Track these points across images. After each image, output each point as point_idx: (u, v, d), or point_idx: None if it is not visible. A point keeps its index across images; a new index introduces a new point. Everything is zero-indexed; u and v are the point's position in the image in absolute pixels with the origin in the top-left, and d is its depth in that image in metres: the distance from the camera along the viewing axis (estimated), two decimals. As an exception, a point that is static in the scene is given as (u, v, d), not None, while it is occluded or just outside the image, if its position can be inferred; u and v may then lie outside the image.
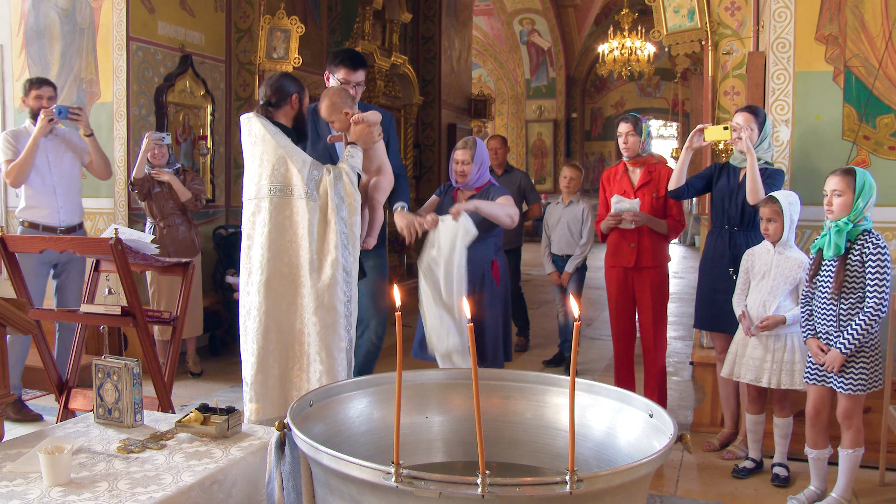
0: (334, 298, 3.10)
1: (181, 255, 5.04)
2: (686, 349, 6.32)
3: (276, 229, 3.13)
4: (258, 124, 3.18)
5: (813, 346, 3.12)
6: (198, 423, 2.20)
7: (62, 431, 2.30)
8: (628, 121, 4.24)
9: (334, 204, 3.14)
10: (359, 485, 1.27)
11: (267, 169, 3.14)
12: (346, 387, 1.74)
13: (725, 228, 3.81)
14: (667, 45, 4.75)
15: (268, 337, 3.11)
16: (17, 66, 5.99)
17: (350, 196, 3.19)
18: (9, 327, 2.55)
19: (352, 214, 3.19)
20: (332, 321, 3.10)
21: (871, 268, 2.96)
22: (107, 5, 5.56)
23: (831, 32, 3.91)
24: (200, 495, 1.90)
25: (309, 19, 7.05)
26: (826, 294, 3.08)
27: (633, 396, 1.63)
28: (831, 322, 3.07)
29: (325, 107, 3.37)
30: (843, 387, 3.05)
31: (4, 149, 4.48)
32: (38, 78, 4.75)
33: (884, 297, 2.95)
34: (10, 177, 4.43)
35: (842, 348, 3.00)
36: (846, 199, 2.99)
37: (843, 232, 2.99)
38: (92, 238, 4.01)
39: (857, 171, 3.02)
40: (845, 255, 3.01)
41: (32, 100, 4.52)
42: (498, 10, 16.03)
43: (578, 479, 1.16)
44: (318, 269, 3.11)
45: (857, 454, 3.09)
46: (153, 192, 5.07)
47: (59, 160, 4.53)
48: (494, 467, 1.63)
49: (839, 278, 3.01)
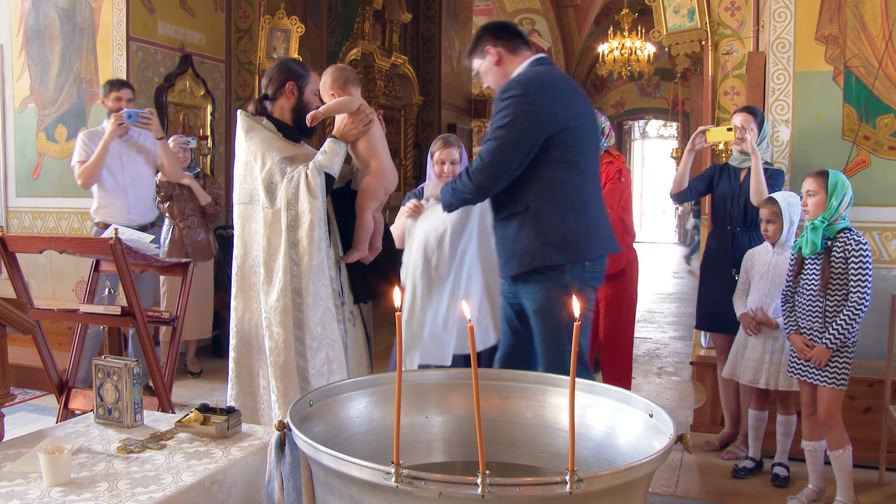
0: (283, 326, 2.71)
1: (198, 257, 5.18)
2: (686, 349, 6.32)
3: (242, 243, 2.87)
4: (238, 122, 2.91)
5: (798, 342, 3.17)
6: (198, 423, 2.19)
7: (62, 431, 2.30)
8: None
9: (289, 214, 2.71)
10: (359, 485, 1.27)
11: (238, 173, 2.86)
12: (346, 387, 1.74)
13: (727, 229, 3.81)
14: (667, 45, 4.75)
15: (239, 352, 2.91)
16: (17, 66, 5.99)
17: (305, 203, 2.70)
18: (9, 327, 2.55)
19: (303, 227, 2.69)
20: (276, 347, 2.74)
21: (854, 264, 3.02)
22: (107, 5, 5.56)
23: (831, 32, 3.91)
24: (200, 495, 1.90)
25: (309, 19, 7.04)
26: (811, 291, 3.14)
27: (633, 396, 1.63)
28: (816, 318, 3.12)
29: (320, 82, 2.96)
30: (827, 381, 3.10)
31: (79, 150, 4.58)
32: (117, 80, 4.83)
33: (866, 292, 3.02)
34: (81, 178, 4.54)
35: (828, 343, 3.06)
36: (819, 198, 3.09)
37: (819, 230, 3.07)
38: (92, 238, 4.00)
39: (830, 172, 3.11)
40: (829, 254, 3.07)
41: (112, 101, 4.57)
42: (498, 10, 16.02)
43: (578, 479, 1.16)
44: (266, 292, 2.76)
45: (846, 453, 3.12)
46: (174, 195, 5.16)
47: (131, 162, 4.63)
48: (494, 467, 1.63)
49: (825, 276, 3.07)
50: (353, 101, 2.83)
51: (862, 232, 3.18)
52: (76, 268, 5.67)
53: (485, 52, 2.84)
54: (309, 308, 2.72)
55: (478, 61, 2.88)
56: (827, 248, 3.08)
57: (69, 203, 5.86)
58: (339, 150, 2.81)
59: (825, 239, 3.08)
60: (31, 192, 6.02)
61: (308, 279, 2.70)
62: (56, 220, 5.93)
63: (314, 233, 2.70)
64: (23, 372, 4.45)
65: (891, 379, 3.40)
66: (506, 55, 2.82)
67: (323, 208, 2.74)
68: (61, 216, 5.90)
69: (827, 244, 3.08)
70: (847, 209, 3.10)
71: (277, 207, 2.74)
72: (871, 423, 3.57)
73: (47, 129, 5.90)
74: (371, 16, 8.18)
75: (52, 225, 5.94)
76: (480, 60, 2.87)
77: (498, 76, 2.83)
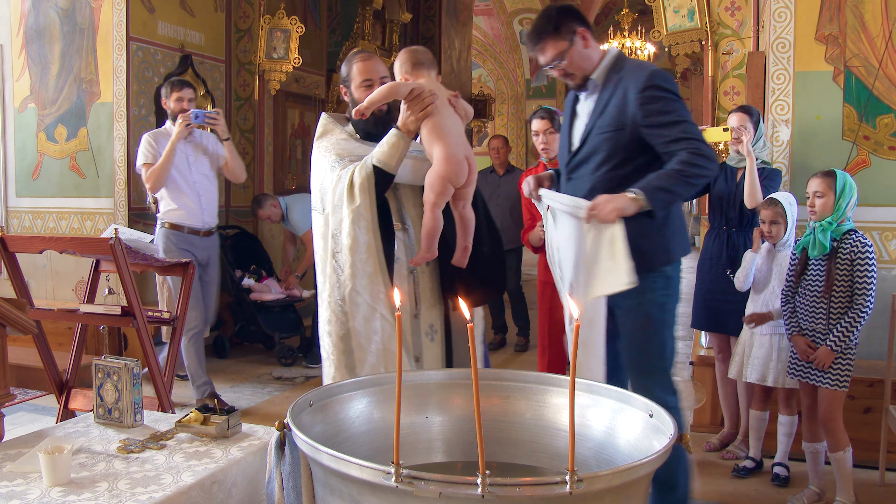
0: (330, 337, 2.53)
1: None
2: (686, 349, 6.31)
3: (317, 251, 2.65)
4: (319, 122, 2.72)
5: (801, 343, 3.17)
6: (198, 423, 2.20)
7: (62, 431, 2.30)
8: (544, 117, 3.84)
9: (334, 219, 2.49)
10: (359, 485, 1.27)
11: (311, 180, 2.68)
12: (346, 387, 1.74)
13: (724, 229, 3.80)
14: (667, 45, 4.75)
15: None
16: (17, 66, 5.99)
17: (345, 207, 2.44)
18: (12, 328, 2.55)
19: (343, 231, 2.45)
20: (328, 359, 2.57)
21: (860, 267, 3.02)
22: (107, 5, 5.57)
23: (831, 32, 3.91)
24: (200, 495, 1.90)
25: (309, 19, 7.04)
26: (815, 293, 3.13)
27: (634, 396, 1.63)
28: (820, 320, 3.12)
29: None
30: (829, 383, 3.09)
31: (144, 152, 4.47)
32: (178, 79, 4.74)
33: (870, 295, 3.02)
34: (149, 181, 4.43)
35: (832, 345, 3.06)
36: (828, 199, 3.07)
37: (828, 231, 3.06)
38: (92, 238, 4.02)
39: (838, 173, 3.10)
40: (834, 255, 3.07)
41: (173, 102, 4.49)
42: (498, 10, 16.02)
43: (578, 479, 1.16)
44: (320, 302, 2.59)
45: (846, 455, 3.13)
46: None
47: (197, 163, 4.57)
48: (494, 467, 1.63)
49: (830, 278, 3.07)
50: (401, 85, 2.47)
51: (862, 232, 3.18)
52: (76, 268, 5.67)
53: (574, 33, 2.57)
54: (354, 320, 2.47)
55: (562, 44, 2.58)
56: (832, 249, 3.07)
57: (69, 203, 5.86)
58: (400, 142, 2.44)
59: (831, 240, 3.07)
60: (31, 192, 6.03)
61: (350, 288, 2.45)
62: (56, 220, 5.93)
63: (357, 237, 2.43)
64: (23, 372, 4.44)
65: (891, 379, 3.40)
66: (590, 38, 2.61)
67: (369, 209, 2.43)
68: (61, 216, 5.90)
69: (833, 245, 3.07)
70: (852, 210, 3.10)
71: (326, 212, 2.54)
72: (871, 423, 3.57)
73: (47, 129, 5.90)
74: (371, 16, 8.18)
75: (52, 225, 5.94)
76: (566, 43, 2.58)
77: (587, 61, 2.61)
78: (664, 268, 2.60)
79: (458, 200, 2.50)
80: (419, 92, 2.43)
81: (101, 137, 5.67)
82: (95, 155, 5.70)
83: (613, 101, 2.56)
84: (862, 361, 3.69)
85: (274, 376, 5.50)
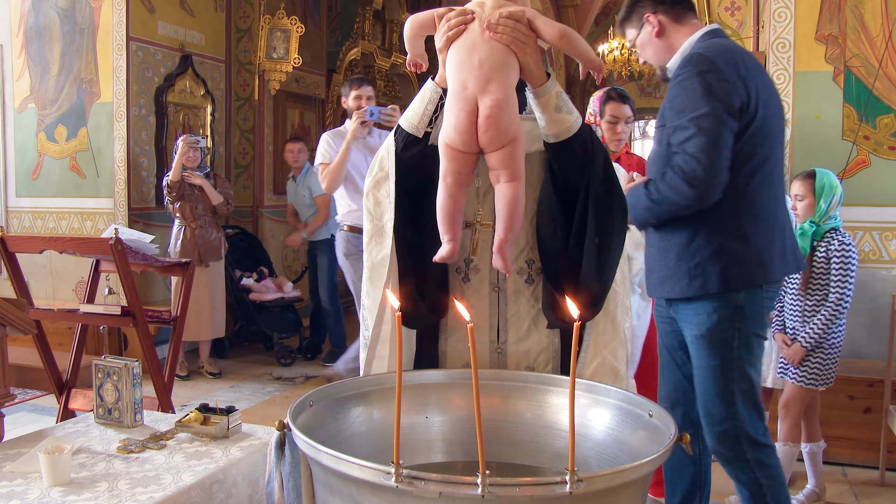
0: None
1: (208, 257, 5.21)
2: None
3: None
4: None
5: (779, 339, 3.23)
6: (198, 423, 2.19)
7: (62, 431, 2.30)
8: (627, 100, 3.24)
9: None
10: (359, 485, 1.27)
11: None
12: (346, 387, 1.74)
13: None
14: (667, 45, 4.75)
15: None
16: (17, 66, 5.99)
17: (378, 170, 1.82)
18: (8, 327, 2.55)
19: (365, 224, 1.84)
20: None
21: (836, 265, 3.04)
22: (107, 5, 5.57)
23: (831, 32, 3.91)
24: (200, 495, 1.90)
25: (309, 19, 7.05)
26: (794, 290, 3.18)
27: (634, 396, 1.63)
28: (797, 317, 3.17)
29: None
30: (797, 378, 3.14)
31: (323, 151, 4.36)
32: (357, 77, 4.59)
33: (846, 294, 3.03)
34: (325, 181, 4.31)
35: (802, 342, 3.10)
36: (808, 201, 3.11)
37: (808, 234, 3.09)
38: (92, 238, 4.01)
39: (818, 173, 3.12)
40: (811, 253, 3.11)
41: (352, 100, 4.38)
42: (498, 10, 16.00)
43: (578, 479, 1.16)
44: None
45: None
46: (185, 194, 5.16)
47: None
48: (494, 467, 1.63)
49: (805, 275, 3.11)
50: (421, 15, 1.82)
51: (862, 232, 3.19)
52: (76, 268, 5.67)
53: (643, 19, 2.32)
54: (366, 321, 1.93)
55: (632, 32, 2.37)
56: (812, 247, 3.12)
57: (69, 203, 5.86)
58: (426, 94, 1.76)
59: (812, 241, 3.12)
60: (31, 192, 6.03)
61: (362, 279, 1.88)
62: (56, 220, 5.93)
63: (367, 231, 1.85)
64: (23, 372, 4.44)
65: (891, 379, 3.40)
66: (669, 24, 2.29)
67: (388, 179, 1.78)
68: (61, 216, 5.91)
69: (813, 244, 3.12)
70: (837, 208, 3.11)
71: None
72: (872, 423, 3.57)
73: (47, 129, 5.90)
74: (371, 16, 8.19)
75: (52, 225, 5.94)
76: (636, 31, 2.36)
77: (659, 50, 2.32)
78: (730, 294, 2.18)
79: (490, 170, 1.66)
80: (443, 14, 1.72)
81: (101, 137, 5.67)
82: (95, 155, 5.70)
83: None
84: (862, 361, 3.69)
85: (274, 376, 5.51)
